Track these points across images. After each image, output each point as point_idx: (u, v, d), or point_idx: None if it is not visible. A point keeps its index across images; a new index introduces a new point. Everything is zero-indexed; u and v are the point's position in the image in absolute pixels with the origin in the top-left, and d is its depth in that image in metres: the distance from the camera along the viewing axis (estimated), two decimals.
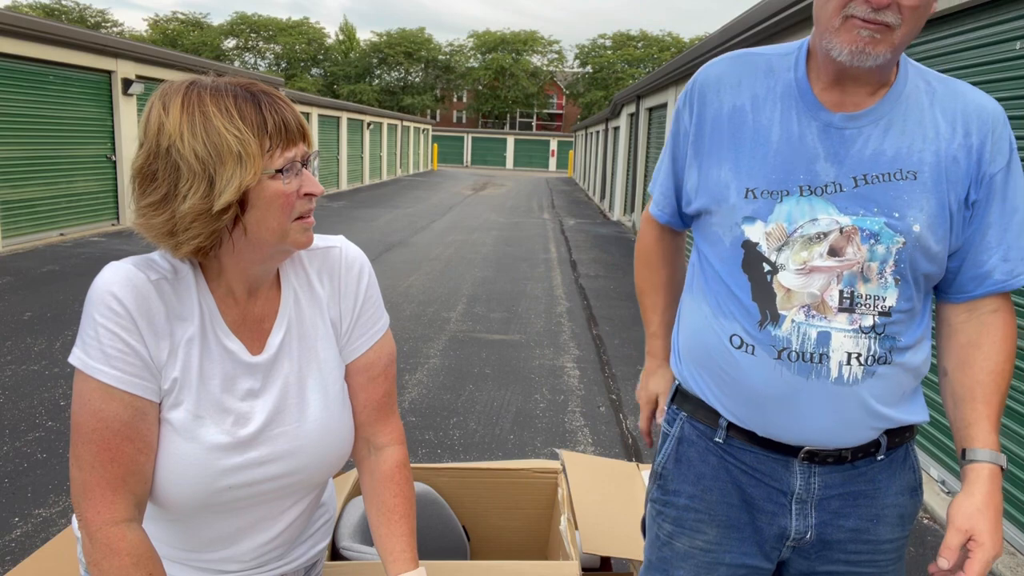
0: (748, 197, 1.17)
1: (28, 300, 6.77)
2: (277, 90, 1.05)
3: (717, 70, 1.25)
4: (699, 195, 1.24)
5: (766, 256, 1.16)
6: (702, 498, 1.27)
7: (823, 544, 1.24)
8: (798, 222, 1.15)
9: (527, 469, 2.20)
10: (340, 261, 1.18)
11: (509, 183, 31.39)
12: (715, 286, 1.23)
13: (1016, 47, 3.41)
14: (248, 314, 1.10)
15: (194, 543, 1.14)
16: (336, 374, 1.17)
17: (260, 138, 0.98)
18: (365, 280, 1.20)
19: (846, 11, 1.07)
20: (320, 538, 1.30)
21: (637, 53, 57.04)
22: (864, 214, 1.13)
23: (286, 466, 1.11)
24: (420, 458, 3.89)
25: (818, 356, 1.14)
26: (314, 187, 1.04)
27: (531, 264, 10.30)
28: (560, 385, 5.15)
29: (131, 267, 1.01)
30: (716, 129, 1.22)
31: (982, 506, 1.13)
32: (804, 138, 1.16)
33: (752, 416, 1.21)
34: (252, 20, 57.76)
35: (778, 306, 1.15)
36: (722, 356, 1.22)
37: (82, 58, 10.67)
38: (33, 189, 10.05)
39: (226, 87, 1.00)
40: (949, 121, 1.17)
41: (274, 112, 1.00)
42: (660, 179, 1.38)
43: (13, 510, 3.20)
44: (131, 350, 0.99)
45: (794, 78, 1.19)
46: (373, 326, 1.21)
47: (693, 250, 1.34)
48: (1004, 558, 3.13)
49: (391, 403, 1.24)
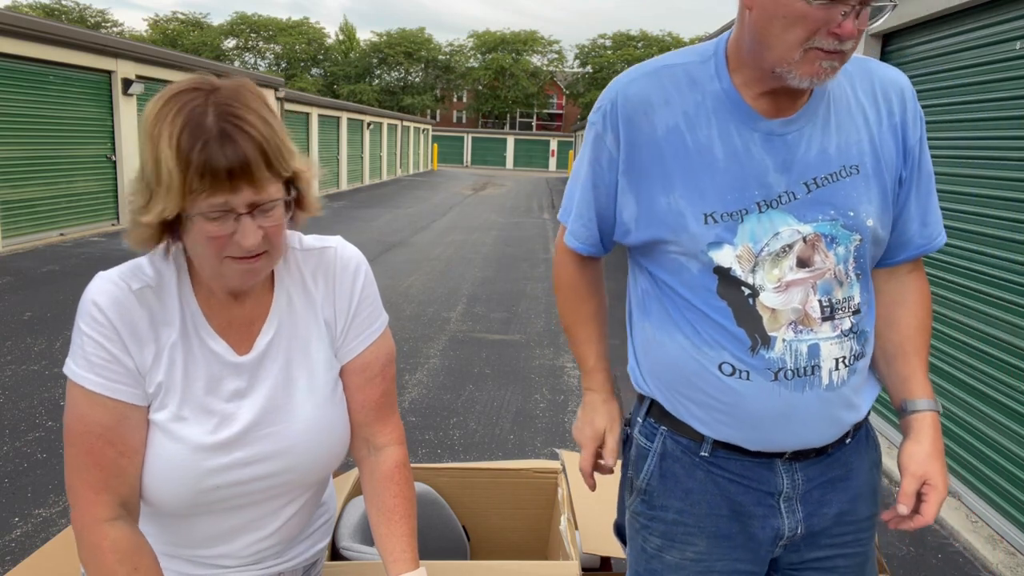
0: (708, 223, 1.12)
1: (28, 300, 6.77)
2: (245, 123, 0.95)
3: (639, 89, 1.17)
4: (645, 225, 1.18)
5: (742, 279, 1.12)
6: (691, 512, 1.24)
7: (811, 535, 1.25)
8: (762, 240, 1.12)
9: (527, 469, 2.20)
10: (335, 261, 1.17)
11: (509, 183, 31.39)
12: (688, 314, 1.18)
13: (1016, 47, 3.41)
14: (237, 315, 1.11)
15: (189, 540, 1.15)
16: (329, 375, 1.16)
17: (186, 178, 0.92)
18: (360, 280, 1.18)
19: (809, 44, 1.03)
20: (320, 537, 1.30)
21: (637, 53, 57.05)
22: (823, 219, 1.13)
23: (275, 466, 1.11)
24: (420, 458, 3.89)
25: (810, 368, 1.14)
26: (247, 240, 0.96)
27: (531, 264, 10.30)
28: (560, 385, 5.15)
29: (115, 277, 1.05)
30: (652, 154, 1.15)
31: (932, 452, 1.21)
32: (750, 151, 1.12)
33: (745, 435, 1.19)
34: (252, 20, 57.77)
35: (766, 328, 1.13)
36: (710, 384, 1.17)
37: (82, 58, 10.67)
38: (33, 189, 10.05)
39: (196, 124, 0.93)
40: (872, 102, 1.18)
41: (209, 155, 0.92)
42: (576, 208, 1.27)
43: (13, 510, 3.20)
44: (113, 358, 1.02)
45: (722, 89, 1.14)
46: (369, 326, 1.20)
47: (639, 276, 1.28)
48: (1004, 558, 3.13)
49: (390, 403, 1.23)
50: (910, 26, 4.33)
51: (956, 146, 3.85)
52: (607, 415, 1.39)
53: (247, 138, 0.94)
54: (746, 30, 1.10)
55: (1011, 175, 3.40)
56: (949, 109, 3.94)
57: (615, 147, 1.18)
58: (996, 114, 3.54)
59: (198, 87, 0.97)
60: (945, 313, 3.84)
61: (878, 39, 4.70)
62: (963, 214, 3.72)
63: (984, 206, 3.58)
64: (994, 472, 3.39)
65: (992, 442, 3.41)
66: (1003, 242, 3.41)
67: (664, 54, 1.23)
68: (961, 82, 3.85)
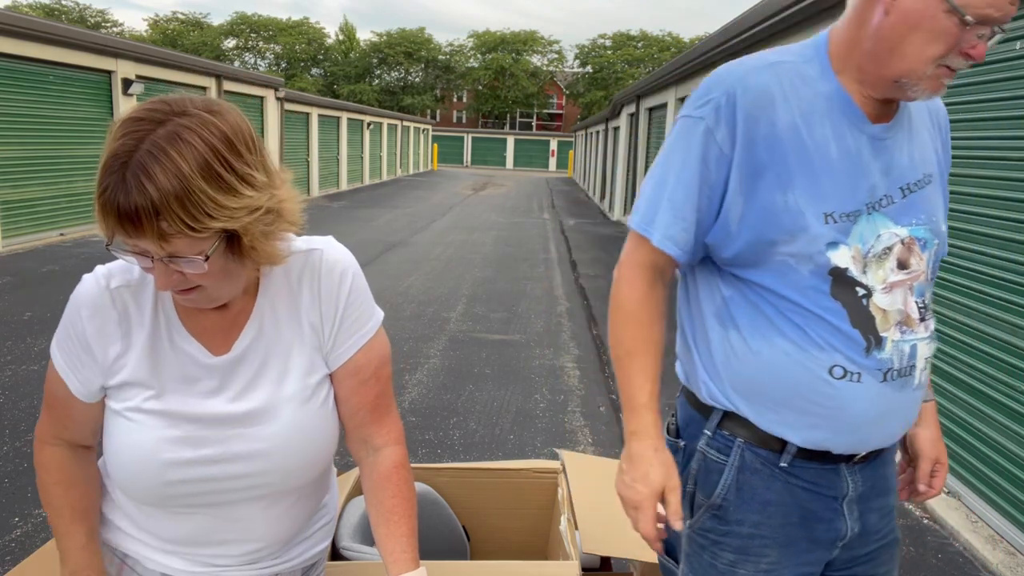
0: (828, 222, 1.11)
1: (28, 300, 6.77)
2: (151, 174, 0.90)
3: (760, 81, 1.12)
4: (753, 226, 1.13)
5: (858, 280, 1.13)
6: (767, 524, 1.23)
7: (863, 532, 1.28)
8: (868, 241, 1.13)
9: (527, 469, 2.20)
10: (321, 264, 1.15)
11: (509, 183, 31.39)
12: (795, 318, 1.14)
13: (1016, 47, 3.41)
14: (216, 320, 1.11)
15: (182, 537, 1.16)
16: (310, 380, 1.14)
17: (97, 210, 0.94)
18: (348, 283, 1.15)
19: (942, 61, 1.05)
20: (320, 539, 1.30)
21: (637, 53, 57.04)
22: (916, 223, 1.17)
23: (248, 467, 1.11)
24: (420, 458, 3.89)
25: (908, 369, 1.17)
26: (158, 283, 0.99)
27: (531, 264, 10.30)
28: (560, 385, 5.15)
29: (100, 273, 1.11)
30: (772, 150, 1.11)
31: (938, 435, 1.35)
32: (861, 153, 1.14)
33: (840, 439, 1.18)
34: (252, 20, 57.78)
35: (878, 329, 1.14)
36: (814, 389, 1.15)
37: (82, 58, 10.67)
38: (33, 189, 10.05)
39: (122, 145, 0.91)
40: (930, 119, 1.24)
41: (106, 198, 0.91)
42: (673, 210, 1.17)
43: (13, 510, 3.21)
44: (74, 351, 1.11)
45: (832, 89, 1.14)
46: (359, 329, 1.17)
47: (718, 285, 1.23)
48: (1004, 558, 3.13)
49: (386, 404, 1.22)
50: None
51: (956, 146, 3.84)
52: (663, 468, 1.18)
53: (142, 194, 0.89)
54: (872, 34, 1.10)
55: (1011, 175, 3.40)
56: (949, 109, 3.94)
57: (728, 142, 1.13)
58: (996, 114, 3.54)
59: (151, 116, 0.94)
60: (945, 313, 3.84)
61: None
62: (963, 214, 3.72)
63: (984, 206, 3.57)
64: (994, 472, 3.39)
65: (992, 442, 3.41)
66: (1003, 242, 3.41)
67: (759, 52, 1.21)
68: (961, 82, 3.85)
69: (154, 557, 1.17)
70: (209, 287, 1.01)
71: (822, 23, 5.48)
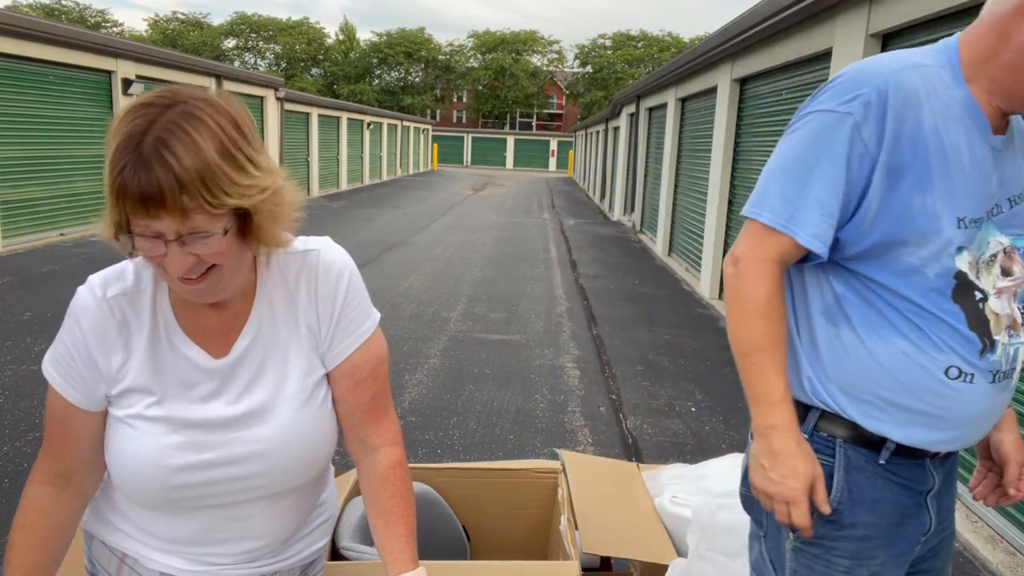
0: (960, 227, 1.14)
1: (28, 300, 6.77)
2: (171, 149, 0.91)
3: (909, 80, 1.12)
4: (885, 225, 1.14)
5: (977, 284, 1.16)
6: (877, 524, 1.23)
7: (937, 525, 1.31)
8: (981, 248, 1.18)
9: (527, 469, 2.20)
10: (317, 265, 1.15)
11: (509, 183, 31.39)
12: (915, 319, 1.16)
13: None
14: (214, 321, 1.12)
15: (181, 536, 1.16)
16: (308, 380, 1.15)
17: (110, 196, 0.93)
18: (344, 284, 1.16)
19: None
20: (318, 537, 1.30)
21: (637, 53, 57.04)
22: (1017, 233, 1.21)
23: (248, 469, 1.11)
24: (420, 458, 3.89)
25: (1010, 371, 1.22)
26: (172, 267, 0.97)
27: (531, 264, 10.30)
28: (560, 385, 5.15)
29: (96, 284, 1.10)
30: (915, 150, 1.12)
31: (1019, 439, 1.34)
32: (986, 162, 1.17)
33: (944, 436, 1.21)
34: (252, 20, 57.78)
35: (992, 332, 1.17)
36: (927, 388, 1.17)
37: (82, 58, 10.67)
38: (33, 189, 10.05)
39: (134, 129, 0.92)
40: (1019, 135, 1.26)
41: (123, 179, 0.91)
42: (820, 207, 1.15)
43: (13, 510, 3.20)
44: (73, 364, 1.09)
45: (965, 96, 1.16)
46: (356, 330, 1.18)
47: (830, 281, 1.23)
48: (1004, 558, 3.13)
49: (383, 404, 1.22)
50: (910, 26, 4.33)
51: None
52: (808, 459, 1.19)
53: (165, 168, 0.90)
54: (1016, 47, 1.12)
55: None
56: None
57: (875, 140, 1.12)
58: None
59: (160, 101, 0.95)
60: None
61: (878, 39, 4.70)
62: None
63: None
64: None
65: None
66: None
67: (893, 52, 1.21)
68: None
69: (153, 556, 1.18)
70: (223, 270, 1.01)
71: (822, 23, 5.48)
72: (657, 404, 4.86)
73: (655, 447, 4.18)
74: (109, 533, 1.21)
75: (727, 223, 8.21)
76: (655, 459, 4.00)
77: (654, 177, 13.12)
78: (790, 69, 6.55)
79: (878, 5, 4.56)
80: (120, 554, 1.20)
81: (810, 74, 6.06)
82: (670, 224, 11.29)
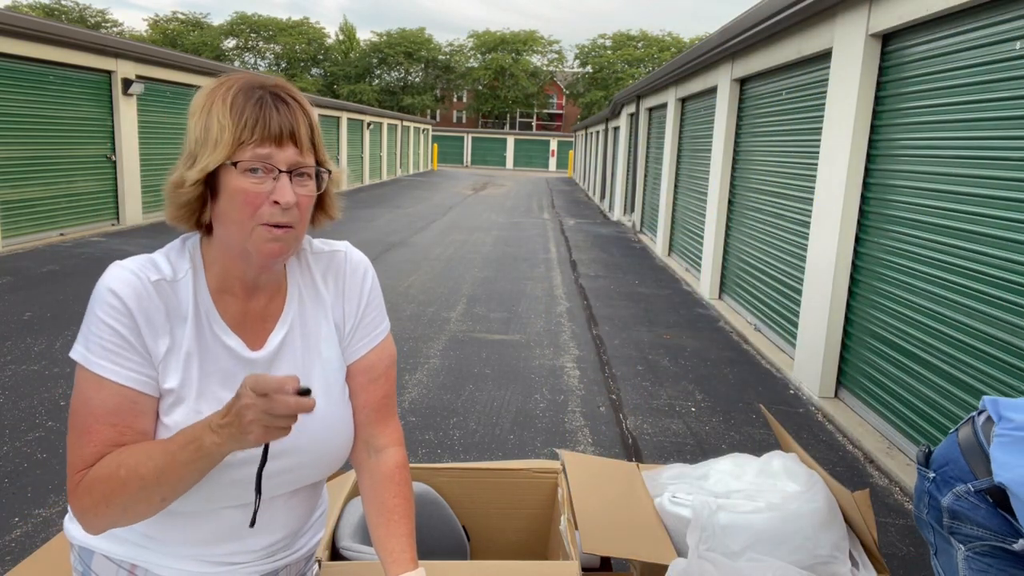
0: None
1: (28, 300, 6.77)
2: (295, 97, 1.06)
3: None
4: None
5: None
6: None
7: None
8: None
9: (527, 469, 2.20)
10: (345, 264, 1.22)
11: (509, 183, 31.38)
12: None
13: (1016, 47, 3.41)
14: (250, 312, 1.12)
15: (201, 538, 1.14)
16: (338, 374, 1.19)
17: (237, 129, 1.00)
18: (368, 283, 1.23)
19: None
20: (319, 528, 1.32)
21: (637, 53, 57.02)
22: None
23: (288, 462, 1.12)
24: (420, 458, 3.89)
25: None
26: (283, 196, 1.01)
27: (531, 264, 10.30)
28: (560, 385, 5.15)
29: (133, 267, 1.06)
30: None
31: None
32: None
33: None
34: (252, 20, 57.78)
35: None
36: None
37: (82, 58, 10.67)
38: (33, 189, 10.04)
39: (249, 87, 1.03)
40: None
41: (262, 110, 1.01)
42: None
43: (13, 510, 3.20)
44: (127, 344, 1.02)
45: None
46: (375, 328, 1.24)
47: None
48: None
49: (391, 405, 1.26)
50: (910, 26, 4.33)
51: (956, 146, 3.85)
52: None
53: (298, 107, 1.04)
54: None
55: (1011, 175, 3.40)
56: (949, 109, 3.94)
57: None
58: (996, 114, 3.54)
59: (248, 77, 1.06)
60: (945, 313, 3.84)
61: (878, 39, 4.69)
62: (963, 214, 3.72)
63: (984, 206, 3.57)
64: None
65: None
66: (1003, 242, 3.41)
67: None
68: (961, 82, 3.84)
69: (164, 563, 1.15)
70: (297, 226, 1.05)
71: (822, 23, 5.48)
72: (657, 404, 4.86)
73: (655, 447, 4.18)
74: (115, 546, 1.17)
75: (727, 223, 8.21)
76: (655, 459, 4.00)
77: (654, 177, 13.12)
78: (790, 69, 6.55)
79: (878, 5, 4.56)
80: (129, 566, 1.17)
81: (810, 74, 6.05)
82: (670, 224, 11.29)
